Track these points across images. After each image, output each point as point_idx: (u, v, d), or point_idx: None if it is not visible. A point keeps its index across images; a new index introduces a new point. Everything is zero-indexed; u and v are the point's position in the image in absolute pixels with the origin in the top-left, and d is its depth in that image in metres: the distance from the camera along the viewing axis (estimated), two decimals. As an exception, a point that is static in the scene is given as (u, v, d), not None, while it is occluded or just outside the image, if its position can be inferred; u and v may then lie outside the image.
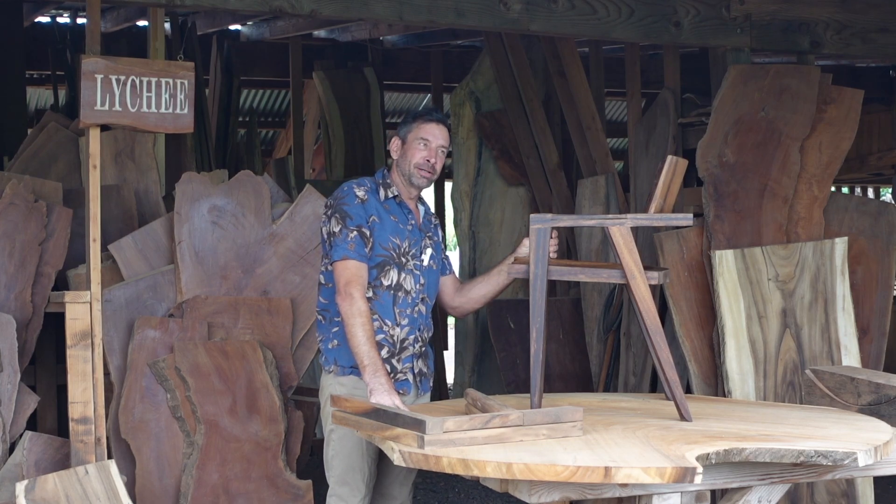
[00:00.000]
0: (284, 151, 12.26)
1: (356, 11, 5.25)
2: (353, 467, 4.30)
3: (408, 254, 4.36)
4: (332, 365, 4.33)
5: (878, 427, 3.86)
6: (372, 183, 4.40)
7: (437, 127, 4.40)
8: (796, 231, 5.79)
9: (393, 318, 4.31)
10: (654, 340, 3.97)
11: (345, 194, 4.33)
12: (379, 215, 4.33)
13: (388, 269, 4.31)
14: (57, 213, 5.32)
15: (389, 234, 4.32)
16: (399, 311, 4.32)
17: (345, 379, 4.31)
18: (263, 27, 9.60)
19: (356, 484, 4.29)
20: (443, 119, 4.46)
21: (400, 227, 4.37)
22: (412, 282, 4.37)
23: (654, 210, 4.01)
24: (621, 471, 3.24)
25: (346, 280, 4.20)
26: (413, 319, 4.36)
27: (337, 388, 4.30)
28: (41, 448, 4.92)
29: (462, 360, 8.55)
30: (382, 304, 4.30)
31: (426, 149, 4.36)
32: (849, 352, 5.69)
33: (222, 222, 5.48)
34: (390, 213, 4.36)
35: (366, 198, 4.33)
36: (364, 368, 4.11)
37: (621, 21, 5.75)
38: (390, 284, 4.31)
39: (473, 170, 8.52)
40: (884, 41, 6.39)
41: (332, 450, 4.33)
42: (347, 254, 4.22)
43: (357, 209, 4.29)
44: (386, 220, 4.34)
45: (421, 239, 4.44)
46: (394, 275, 4.32)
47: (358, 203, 4.30)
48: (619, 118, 13.20)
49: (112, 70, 4.82)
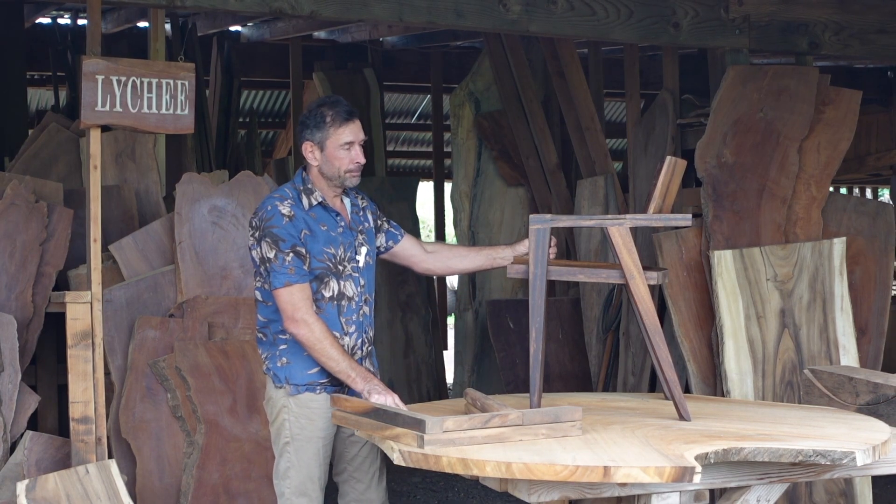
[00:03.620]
0: (284, 152, 12.27)
1: (356, 12, 5.26)
2: (312, 477, 4.19)
3: (344, 260, 4.20)
4: (284, 384, 4.18)
5: (876, 427, 3.87)
6: (293, 191, 4.20)
7: (354, 123, 4.21)
8: (795, 231, 5.80)
9: (340, 328, 4.18)
10: (653, 340, 3.98)
11: (270, 214, 4.11)
12: (309, 227, 4.14)
13: (327, 280, 4.15)
14: (58, 213, 5.33)
15: (323, 245, 4.15)
16: (345, 321, 4.20)
17: (300, 398, 4.17)
18: (264, 28, 9.61)
19: (315, 493, 4.19)
20: (352, 111, 4.23)
21: (331, 234, 4.19)
22: (353, 287, 4.22)
23: (653, 210, 4.02)
24: (620, 470, 3.25)
25: (293, 307, 4.05)
26: (359, 324, 4.24)
27: (293, 407, 4.17)
28: (42, 447, 4.93)
29: (461, 359, 8.57)
30: (328, 316, 4.15)
31: (351, 150, 4.19)
32: (847, 351, 5.70)
33: (222, 223, 5.50)
34: (319, 222, 4.18)
35: (292, 214, 4.12)
36: (353, 381, 4.03)
37: (620, 22, 5.76)
38: (332, 295, 4.17)
39: (473, 170, 8.53)
40: (882, 42, 6.40)
41: (286, 461, 4.19)
42: (289, 279, 4.05)
43: (287, 229, 4.09)
44: (317, 232, 4.15)
45: (353, 238, 4.26)
46: (334, 285, 4.17)
47: (286, 222, 4.09)
48: (619, 119, 13.21)
49: (113, 71, 4.83)
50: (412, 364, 9.05)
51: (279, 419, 4.21)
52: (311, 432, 4.18)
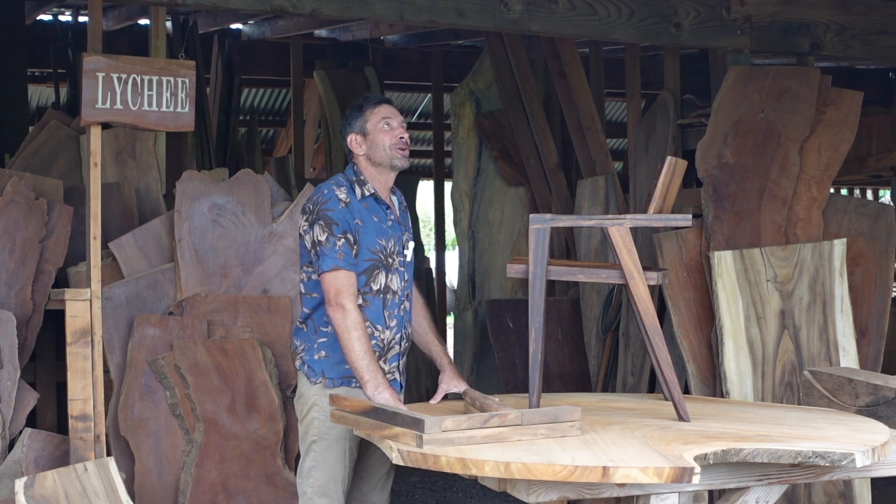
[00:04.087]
0: (285, 150, 12.27)
1: (357, 11, 5.26)
2: (336, 478, 4.16)
3: (393, 253, 4.21)
4: (320, 377, 4.17)
5: (876, 428, 3.87)
6: (346, 181, 4.21)
7: (388, 106, 4.29)
8: (795, 232, 5.80)
9: (383, 321, 4.19)
10: (653, 341, 3.97)
11: (326, 198, 4.12)
12: (361, 217, 4.15)
13: (377, 273, 4.16)
14: (58, 210, 5.33)
15: (375, 236, 4.16)
16: (388, 314, 4.20)
17: (336, 391, 4.14)
18: (264, 26, 9.61)
19: (337, 496, 4.16)
20: (384, 98, 4.35)
21: (383, 227, 4.20)
22: (398, 281, 4.23)
23: (654, 211, 4.02)
24: (619, 471, 3.25)
25: (336, 290, 4.04)
26: (400, 318, 4.25)
27: (324, 405, 4.13)
28: (40, 445, 4.92)
29: (461, 359, 8.56)
30: (373, 309, 4.16)
31: (392, 128, 4.23)
32: (847, 353, 5.69)
33: (222, 221, 5.49)
34: (371, 213, 4.19)
35: (348, 200, 4.13)
36: (365, 384, 4.00)
37: (621, 22, 5.76)
38: (380, 288, 4.17)
39: (473, 169, 8.53)
40: (883, 43, 6.40)
41: (312, 460, 4.17)
42: (337, 263, 4.05)
43: (342, 214, 4.09)
44: (369, 222, 4.16)
45: (402, 233, 4.28)
46: (382, 278, 4.17)
47: (342, 207, 4.10)
48: (619, 119, 13.21)
49: (113, 68, 4.83)
50: (412, 364, 9.03)
51: (308, 417, 4.19)
52: (339, 432, 4.13)
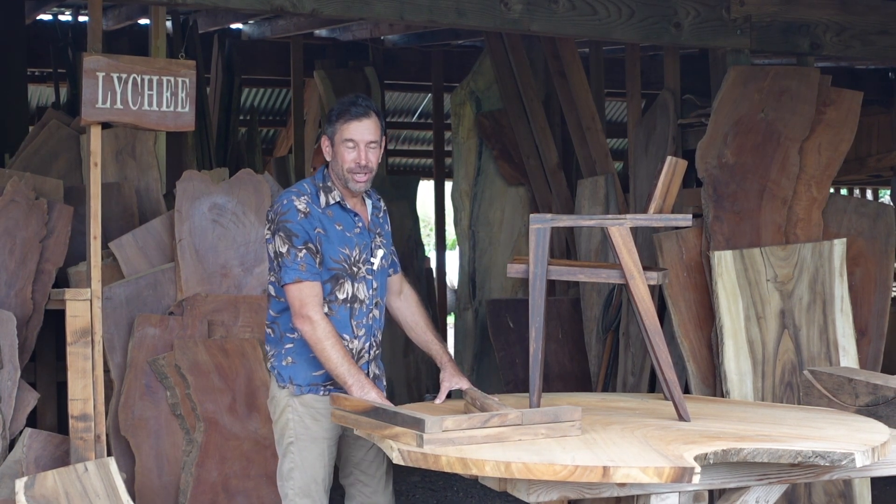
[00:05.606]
0: (285, 150, 12.27)
1: (357, 11, 5.26)
2: (316, 478, 4.13)
3: (359, 261, 4.13)
4: (288, 383, 4.13)
5: (876, 428, 3.87)
6: (311, 187, 4.13)
7: (361, 122, 4.08)
8: (795, 232, 5.80)
9: (350, 331, 4.13)
10: (653, 340, 3.97)
11: (286, 209, 4.04)
12: (323, 226, 4.07)
13: (341, 282, 4.09)
14: (58, 210, 5.33)
15: (337, 245, 4.08)
16: (356, 324, 4.15)
17: (304, 398, 4.12)
18: (265, 26, 9.61)
19: (318, 496, 4.13)
20: (365, 110, 4.09)
21: (347, 235, 4.12)
22: (365, 289, 4.15)
23: (654, 210, 4.02)
24: (619, 470, 3.25)
25: (300, 302, 4.00)
26: (369, 327, 4.19)
27: (297, 406, 4.12)
28: (41, 445, 4.93)
29: (461, 359, 8.56)
30: (339, 319, 4.09)
31: (354, 150, 4.07)
32: (847, 353, 5.70)
33: (223, 220, 5.50)
34: (334, 222, 4.11)
35: (307, 210, 4.05)
36: (350, 388, 3.96)
37: (622, 22, 5.76)
38: (345, 297, 4.11)
39: (473, 169, 8.53)
40: (883, 43, 6.40)
41: (290, 462, 4.13)
42: (299, 275, 4.00)
43: (301, 225, 4.02)
44: (331, 231, 4.08)
45: (371, 241, 4.19)
46: (348, 287, 4.10)
47: (301, 218, 4.03)
48: (619, 119, 13.21)
49: (113, 68, 4.83)
50: (412, 363, 9.05)
51: (283, 418, 4.15)
52: (315, 433, 4.12)
